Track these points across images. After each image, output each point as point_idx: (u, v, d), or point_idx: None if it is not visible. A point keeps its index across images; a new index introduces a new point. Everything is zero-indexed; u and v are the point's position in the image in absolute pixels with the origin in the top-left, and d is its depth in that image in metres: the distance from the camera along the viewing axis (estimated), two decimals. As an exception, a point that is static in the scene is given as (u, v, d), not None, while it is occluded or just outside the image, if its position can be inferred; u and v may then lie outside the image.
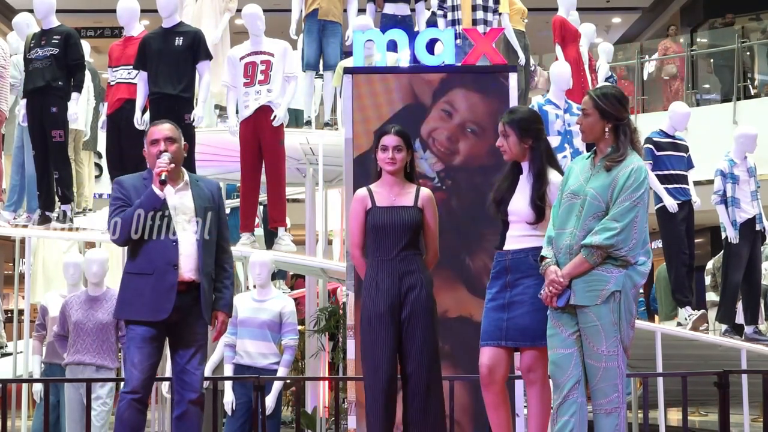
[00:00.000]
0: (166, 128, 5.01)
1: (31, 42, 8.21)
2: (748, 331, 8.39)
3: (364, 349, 4.92)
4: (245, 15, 8.24)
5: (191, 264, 4.90)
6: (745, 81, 14.40)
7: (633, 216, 4.36)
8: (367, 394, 4.87)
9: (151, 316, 4.84)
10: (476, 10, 8.89)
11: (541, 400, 4.69)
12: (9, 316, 11.38)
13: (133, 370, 4.82)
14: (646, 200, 4.43)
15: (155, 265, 4.86)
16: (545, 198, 4.68)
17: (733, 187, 8.32)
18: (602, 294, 4.38)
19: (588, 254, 4.38)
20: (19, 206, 8.76)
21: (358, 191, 5.06)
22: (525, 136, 4.75)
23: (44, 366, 7.49)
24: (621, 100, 4.57)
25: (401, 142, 4.95)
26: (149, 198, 4.85)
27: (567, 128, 7.65)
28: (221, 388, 6.72)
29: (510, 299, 4.67)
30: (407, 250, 4.88)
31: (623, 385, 4.43)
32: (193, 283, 4.90)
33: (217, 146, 9.23)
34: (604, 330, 4.40)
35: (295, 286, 12.98)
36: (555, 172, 4.76)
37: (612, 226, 4.36)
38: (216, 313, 5.00)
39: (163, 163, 4.87)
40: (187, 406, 4.89)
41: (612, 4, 20.58)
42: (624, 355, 4.41)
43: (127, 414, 4.80)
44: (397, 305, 4.84)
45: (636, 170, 4.42)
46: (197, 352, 4.93)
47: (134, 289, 4.90)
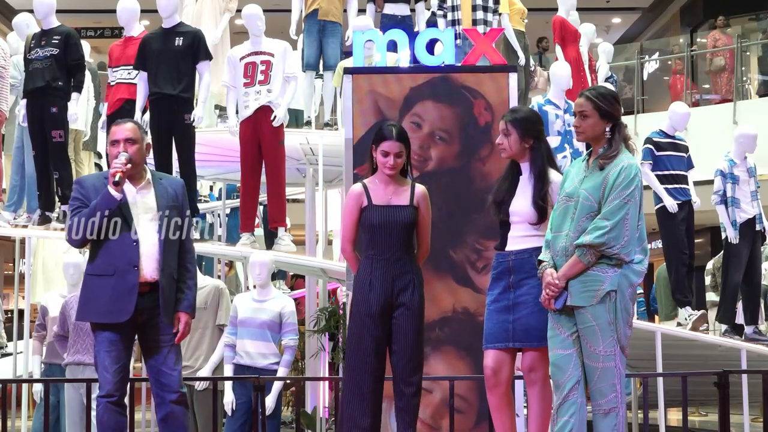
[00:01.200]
0: (127, 128, 4.93)
1: (31, 42, 8.21)
2: (748, 331, 8.39)
3: (351, 344, 4.91)
4: (245, 15, 8.24)
5: (153, 264, 4.84)
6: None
7: (623, 213, 4.37)
8: (352, 392, 4.85)
9: (112, 318, 4.78)
10: (476, 10, 8.91)
11: (542, 400, 4.69)
12: (9, 317, 11.40)
13: (105, 373, 4.80)
14: (637, 197, 4.42)
15: (116, 265, 4.80)
16: (547, 198, 4.69)
17: (733, 187, 8.32)
18: (597, 294, 4.39)
19: (581, 254, 4.39)
20: (19, 206, 8.75)
21: (354, 187, 5.03)
22: (526, 136, 4.75)
23: (44, 366, 7.49)
24: (617, 99, 4.60)
25: (402, 147, 4.90)
26: (104, 199, 4.78)
27: (567, 128, 7.65)
28: (221, 388, 6.71)
29: (514, 300, 4.66)
30: (402, 250, 4.88)
31: (621, 385, 4.43)
32: (156, 284, 4.85)
33: (217, 146, 9.24)
34: (601, 330, 4.40)
35: (295, 286, 12.98)
36: (555, 172, 4.77)
37: (602, 224, 4.36)
38: (178, 315, 4.91)
39: (118, 164, 4.80)
40: (170, 407, 4.86)
41: (612, 4, 20.58)
42: (622, 355, 4.41)
43: (106, 417, 4.80)
44: (389, 305, 4.85)
45: (626, 168, 4.42)
46: (170, 352, 4.88)
47: (95, 290, 4.84)
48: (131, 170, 4.85)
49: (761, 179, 8.71)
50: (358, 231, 4.96)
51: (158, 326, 4.88)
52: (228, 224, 11.63)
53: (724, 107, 14.03)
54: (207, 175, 11.04)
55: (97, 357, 4.85)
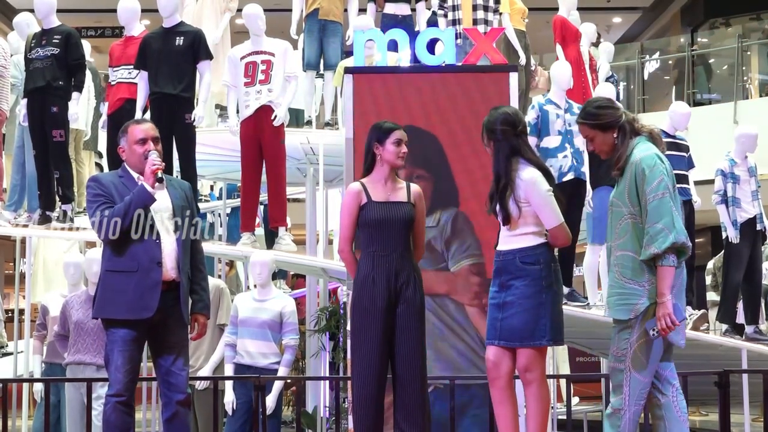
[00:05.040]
0: (150, 128, 5.00)
1: (32, 42, 8.21)
2: (749, 330, 8.38)
3: (356, 343, 4.92)
4: (246, 15, 8.23)
5: (172, 263, 4.88)
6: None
7: (668, 207, 4.33)
8: (359, 390, 4.87)
9: (135, 314, 4.79)
10: (477, 9, 8.89)
11: (539, 400, 4.71)
12: (9, 316, 11.39)
13: (116, 373, 4.81)
14: (668, 184, 4.37)
15: (139, 262, 4.82)
16: (505, 199, 4.69)
17: (733, 186, 8.31)
18: (635, 309, 4.39)
19: (662, 261, 4.34)
20: (19, 206, 8.76)
21: (352, 185, 5.06)
22: (489, 139, 4.82)
23: (45, 366, 7.48)
24: (605, 105, 4.61)
25: (406, 137, 5.03)
26: (141, 196, 4.80)
27: (567, 128, 7.63)
28: (222, 388, 6.71)
29: (503, 300, 4.73)
30: (402, 246, 4.92)
31: (630, 387, 4.42)
32: (173, 283, 4.88)
33: (218, 146, 9.24)
34: (618, 332, 4.45)
35: (295, 285, 12.99)
36: (529, 169, 4.75)
37: (657, 228, 4.32)
38: (196, 316, 4.99)
39: (157, 161, 4.85)
40: (176, 407, 4.89)
41: (612, 4, 20.56)
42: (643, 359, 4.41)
43: (114, 417, 4.82)
44: (393, 301, 4.87)
45: (638, 163, 4.42)
46: (180, 353, 4.91)
47: (116, 287, 4.85)
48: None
49: (761, 179, 8.71)
50: (357, 230, 4.98)
51: (170, 327, 4.90)
52: (228, 224, 11.65)
53: (724, 107, 14.03)
54: (207, 175, 11.05)
55: (110, 355, 4.83)
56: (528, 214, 4.70)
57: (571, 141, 7.64)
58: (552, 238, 4.74)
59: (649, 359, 4.40)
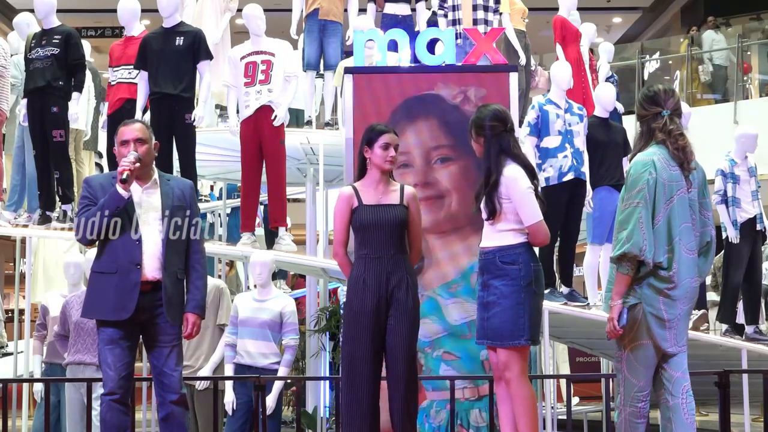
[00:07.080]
0: (136, 128, 4.98)
1: (32, 42, 8.21)
2: (749, 331, 8.38)
3: (347, 344, 4.92)
4: (246, 15, 8.23)
5: (155, 263, 4.87)
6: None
7: (636, 219, 4.34)
8: (350, 392, 4.86)
9: (114, 315, 4.82)
10: (477, 9, 8.89)
11: (520, 398, 4.73)
12: (9, 316, 11.40)
13: (108, 371, 4.83)
14: (645, 196, 4.38)
15: (119, 263, 4.83)
16: (494, 195, 4.71)
17: (733, 186, 8.32)
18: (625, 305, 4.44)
19: (619, 267, 4.40)
20: (19, 206, 8.76)
21: (343, 189, 5.09)
22: (478, 135, 4.85)
23: (45, 366, 7.49)
24: (643, 99, 4.61)
25: (398, 141, 5.03)
26: (112, 197, 4.82)
27: (567, 128, 7.63)
28: (222, 388, 6.71)
29: (485, 299, 4.76)
30: (394, 249, 4.91)
31: (624, 388, 4.47)
32: (158, 283, 4.87)
33: (218, 146, 9.24)
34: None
35: (295, 285, 12.99)
36: (512, 165, 4.77)
37: (621, 236, 4.38)
38: (186, 315, 4.96)
39: (126, 162, 4.83)
40: (170, 407, 4.89)
41: (612, 4, 20.58)
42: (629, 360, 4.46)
43: (110, 416, 4.83)
44: (384, 303, 4.88)
45: (630, 166, 4.47)
46: (171, 352, 4.90)
47: (99, 288, 4.89)
48: (139, 170, 4.89)
49: (761, 179, 8.70)
50: (350, 234, 4.99)
51: (159, 326, 4.89)
52: (228, 224, 11.65)
53: (725, 107, 14.03)
54: (207, 175, 11.05)
55: (101, 354, 4.88)
56: (508, 210, 4.72)
57: (572, 141, 7.63)
58: (531, 236, 4.76)
59: (640, 362, 4.44)
